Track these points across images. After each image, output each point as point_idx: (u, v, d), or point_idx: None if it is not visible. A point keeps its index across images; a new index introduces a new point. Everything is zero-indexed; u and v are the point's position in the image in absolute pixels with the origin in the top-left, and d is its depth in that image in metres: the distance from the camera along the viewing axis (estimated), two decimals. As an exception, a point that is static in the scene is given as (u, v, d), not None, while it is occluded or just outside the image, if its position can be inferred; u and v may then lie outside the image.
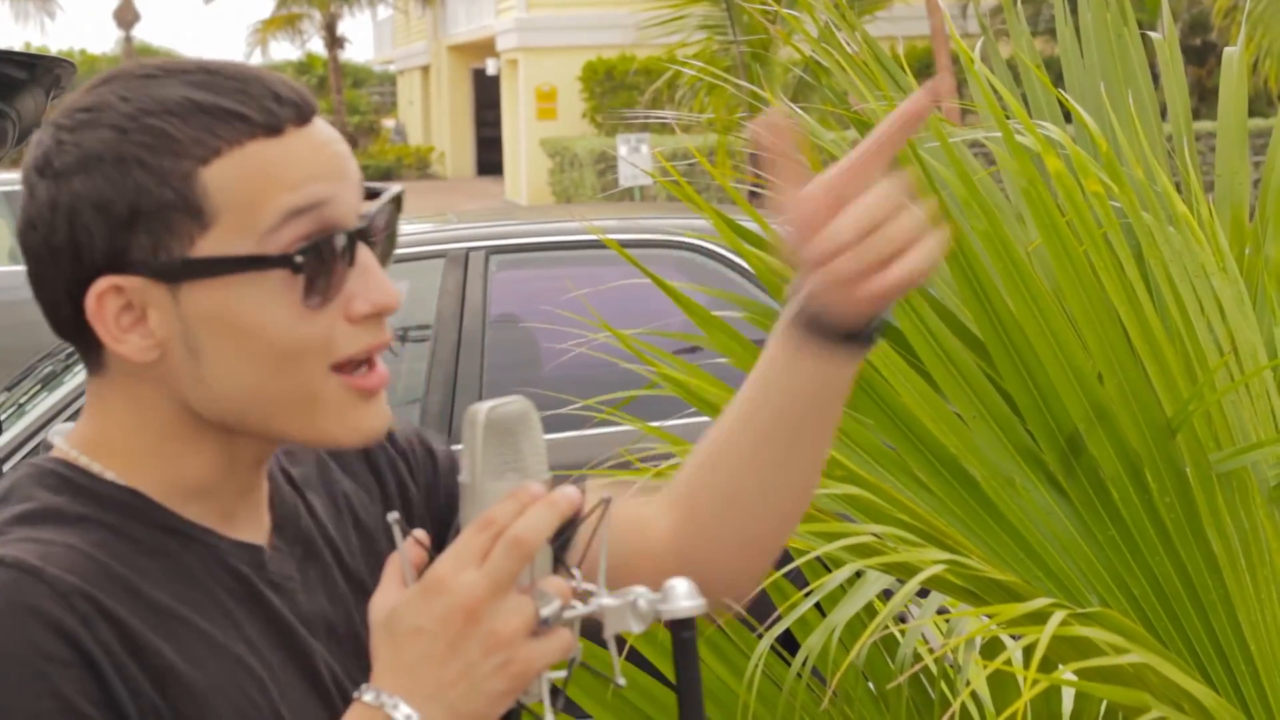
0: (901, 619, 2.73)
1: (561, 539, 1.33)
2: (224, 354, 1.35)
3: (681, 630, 1.34)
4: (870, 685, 2.58)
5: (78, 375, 6.17)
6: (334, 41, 49.57)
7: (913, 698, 2.57)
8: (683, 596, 1.32)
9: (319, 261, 1.35)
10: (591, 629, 1.34)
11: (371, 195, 1.43)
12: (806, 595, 2.48)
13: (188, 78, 1.36)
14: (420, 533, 1.34)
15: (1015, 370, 2.32)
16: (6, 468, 5.19)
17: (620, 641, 1.36)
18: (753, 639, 2.56)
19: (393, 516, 1.32)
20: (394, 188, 1.46)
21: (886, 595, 2.58)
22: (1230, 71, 2.86)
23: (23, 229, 1.38)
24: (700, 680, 1.37)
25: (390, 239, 1.44)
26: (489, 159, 43.55)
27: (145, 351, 1.36)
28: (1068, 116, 2.82)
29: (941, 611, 2.60)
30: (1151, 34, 3.05)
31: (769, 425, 1.55)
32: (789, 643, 2.50)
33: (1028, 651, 1.98)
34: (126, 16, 59.00)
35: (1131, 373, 2.29)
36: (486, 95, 43.11)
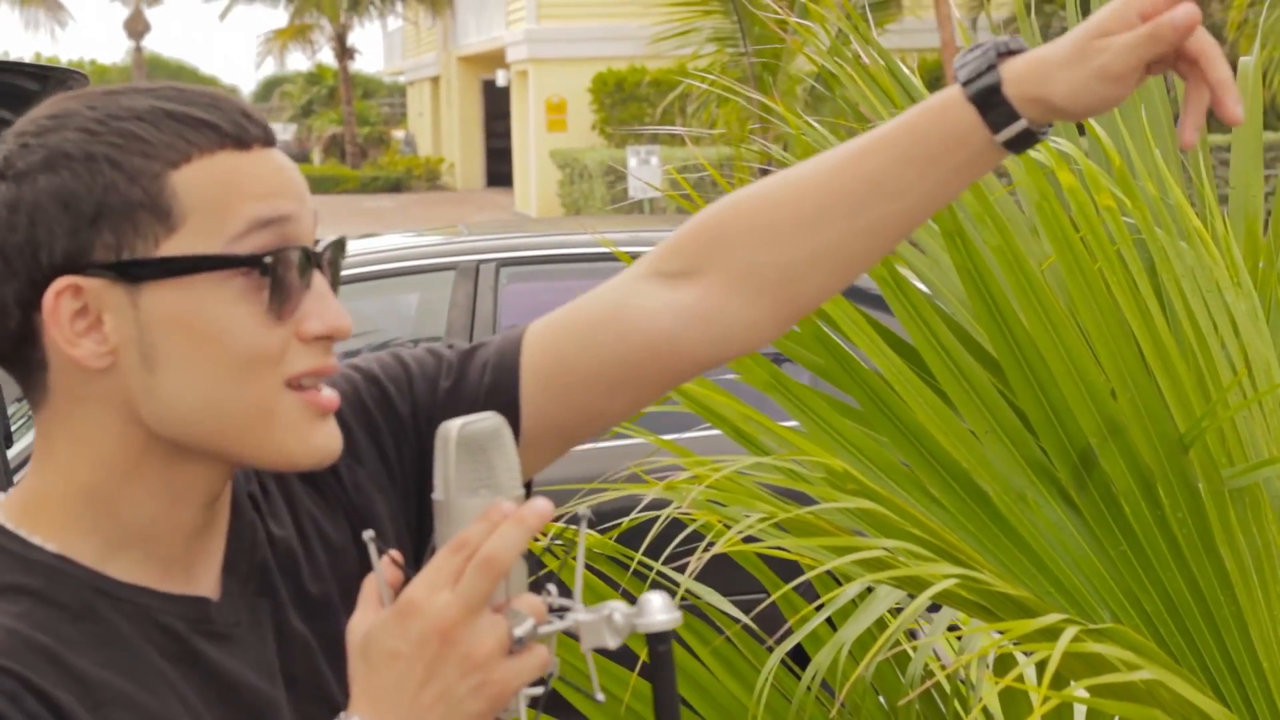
0: (911, 635, 2.73)
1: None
2: (179, 361, 1.34)
3: (657, 644, 1.33)
4: (881, 700, 2.57)
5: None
6: (344, 52, 49.67)
7: (923, 713, 2.56)
8: (658, 610, 1.32)
9: (281, 269, 1.35)
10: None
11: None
12: (817, 610, 2.48)
13: (156, 93, 1.37)
14: (395, 553, 1.33)
15: (1028, 385, 2.32)
16: (17, 478, 5.19)
17: (625, 653, 1.36)
18: (763, 652, 2.55)
19: (368, 535, 1.32)
20: (338, 236, 1.45)
21: (897, 611, 2.57)
22: (1245, 83, 2.86)
23: None
24: (676, 692, 1.37)
25: (335, 278, 1.43)
26: (498, 170, 43.58)
27: (98, 358, 1.34)
28: (1080, 130, 2.82)
29: (952, 628, 2.59)
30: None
31: (897, 175, 1.51)
32: (798, 655, 2.50)
33: (1039, 668, 1.97)
34: (137, 27, 59.16)
35: (1144, 388, 2.28)
36: (496, 106, 43.15)
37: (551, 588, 1.33)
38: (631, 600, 1.34)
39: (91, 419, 1.37)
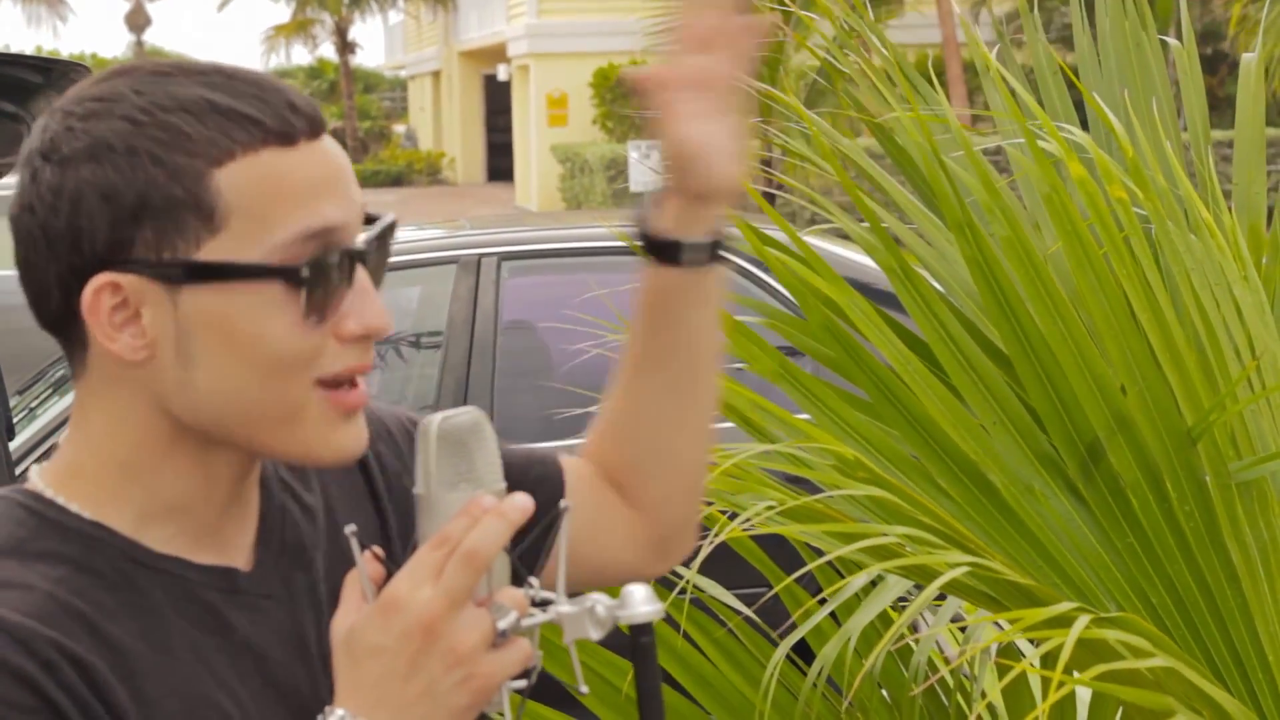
0: (915, 627, 2.72)
1: (521, 548, 1.34)
2: (215, 360, 1.34)
3: (640, 635, 1.34)
4: (885, 693, 2.57)
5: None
6: (345, 47, 49.66)
7: (926, 707, 2.56)
8: (640, 602, 1.33)
9: (322, 278, 1.34)
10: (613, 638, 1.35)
11: (367, 220, 1.43)
12: (822, 603, 2.47)
13: (203, 78, 1.35)
14: (377, 548, 1.34)
15: (1037, 378, 2.31)
16: (19, 471, 5.19)
17: (634, 647, 1.36)
18: (767, 646, 2.55)
19: (350, 529, 1.32)
20: (389, 216, 1.45)
21: (901, 604, 2.57)
22: (1248, 79, 2.85)
23: (18, 212, 1.35)
24: (660, 684, 1.38)
25: (382, 264, 1.43)
26: (500, 164, 43.56)
27: (135, 351, 1.34)
28: (1083, 124, 2.81)
29: (956, 620, 2.59)
30: (1167, 39, 3.04)
31: (653, 352, 1.64)
32: (802, 648, 2.49)
33: (1044, 658, 1.97)
34: (138, 21, 59.11)
35: (1153, 381, 2.28)
36: (497, 101, 43.14)
37: (534, 580, 1.34)
38: None
39: (126, 401, 1.37)
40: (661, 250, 1.59)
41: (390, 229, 1.43)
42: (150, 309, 1.33)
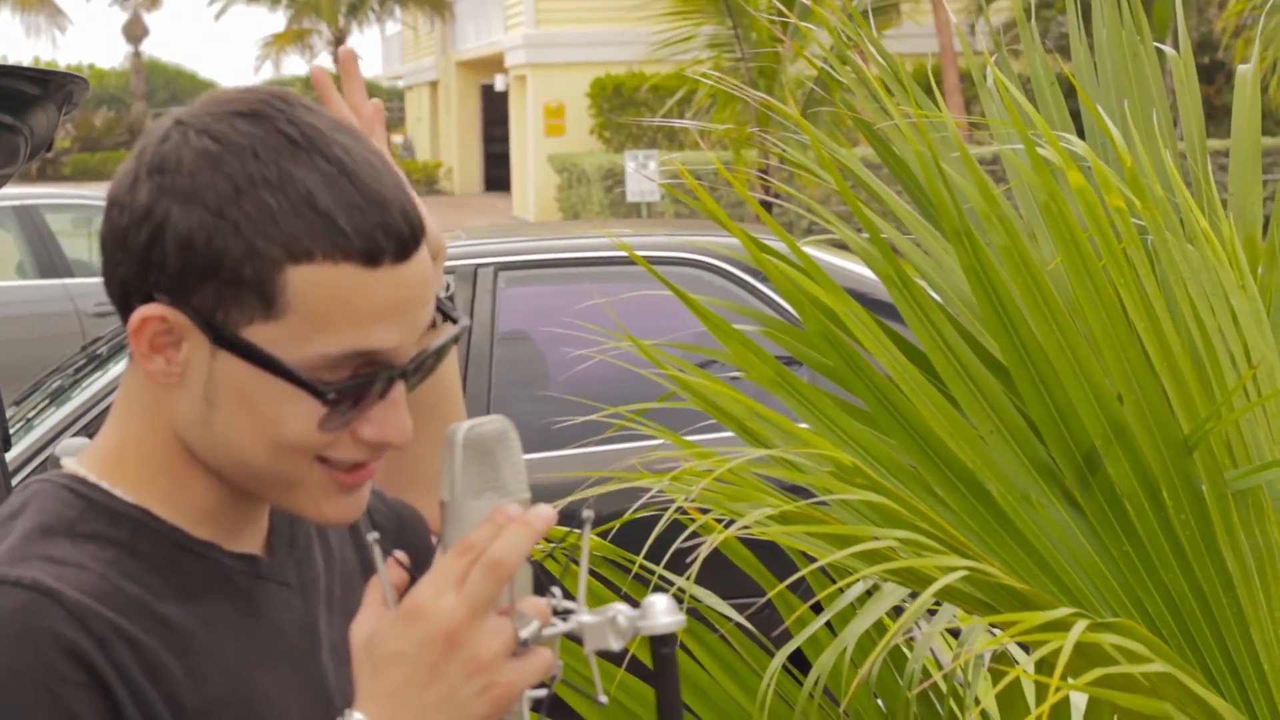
0: (909, 634, 2.72)
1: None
2: (232, 417, 1.37)
3: (661, 646, 1.35)
4: (880, 703, 2.56)
5: (86, 390, 6.18)
6: (342, 57, 49.60)
7: (921, 714, 2.56)
8: (662, 613, 1.33)
9: (352, 398, 1.36)
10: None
11: (450, 297, 1.48)
12: (818, 612, 2.47)
13: (324, 162, 1.35)
14: (400, 553, 1.35)
15: (1034, 387, 2.31)
16: (15, 482, 5.19)
17: (623, 657, 1.37)
18: (763, 656, 2.55)
19: (372, 536, 1.34)
20: (455, 329, 1.47)
21: (896, 611, 2.57)
22: (1244, 89, 2.86)
23: (113, 195, 1.38)
24: (680, 694, 1.38)
25: (433, 368, 1.45)
26: (497, 175, 43.54)
27: (166, 377, 1.38)
28: (1079, 134, 2.82)
29: (950, 626, 2.59)
30: (1164, 48, 3.04)
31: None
32: (795, 655, 2.49)
33: (1039, 664, 1.97)
34: (135, 31, 59.09)
35: (1149, 390, 2.28)
36: (495, 111, 43.12)
37: (555, 590, 1.34)
38: (631, 603, 1.35)
39: (158, 411, 1.41)
40: None
41: (450, 343, 1.45)
42: (190, 345, 1.36)
